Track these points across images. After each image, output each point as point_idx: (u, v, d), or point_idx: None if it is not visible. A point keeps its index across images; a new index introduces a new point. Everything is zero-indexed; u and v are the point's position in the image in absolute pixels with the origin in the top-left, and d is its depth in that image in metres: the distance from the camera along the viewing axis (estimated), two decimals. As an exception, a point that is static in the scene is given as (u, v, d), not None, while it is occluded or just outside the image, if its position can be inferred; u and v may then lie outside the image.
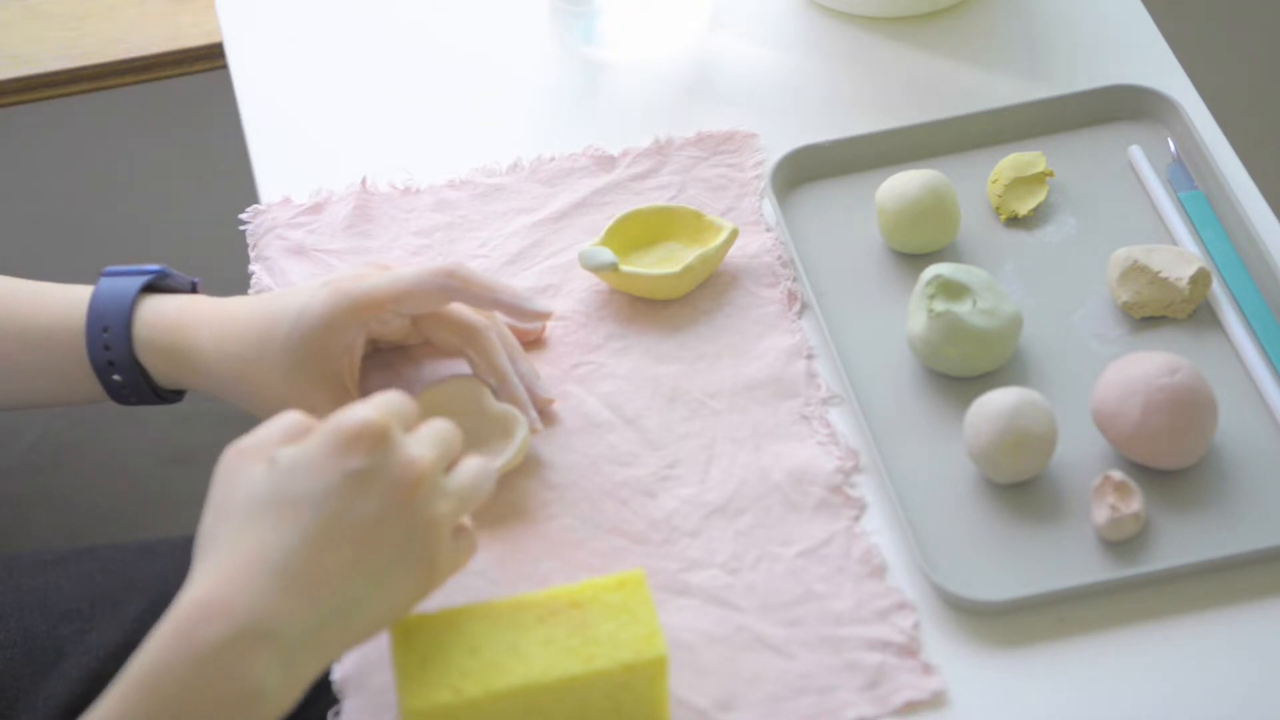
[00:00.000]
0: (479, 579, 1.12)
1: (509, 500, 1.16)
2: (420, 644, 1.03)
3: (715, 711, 1.08)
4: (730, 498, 1.16)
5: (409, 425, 1.03)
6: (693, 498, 1.16)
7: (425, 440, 1.02)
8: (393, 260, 1.29)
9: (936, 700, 1.08)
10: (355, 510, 0.97)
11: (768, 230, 1.29)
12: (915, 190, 1.25)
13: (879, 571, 1.13)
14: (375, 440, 0.98)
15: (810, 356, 1.22)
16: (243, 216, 1.33)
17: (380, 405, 1.00)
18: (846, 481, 1.17)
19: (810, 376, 1.21)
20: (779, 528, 1.15)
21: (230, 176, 1.83)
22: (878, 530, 1.15)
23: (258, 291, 1.28)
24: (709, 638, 1.10)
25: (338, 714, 1.09)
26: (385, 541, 0.98)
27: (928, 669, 1.09)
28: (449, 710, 1.01)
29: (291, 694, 0.96)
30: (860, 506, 1.16)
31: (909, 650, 1.09)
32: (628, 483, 1.17)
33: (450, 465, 1.04)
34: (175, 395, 1.21)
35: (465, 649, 1.03)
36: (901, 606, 1.11)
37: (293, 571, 0.95)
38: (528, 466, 1.18)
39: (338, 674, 1.09)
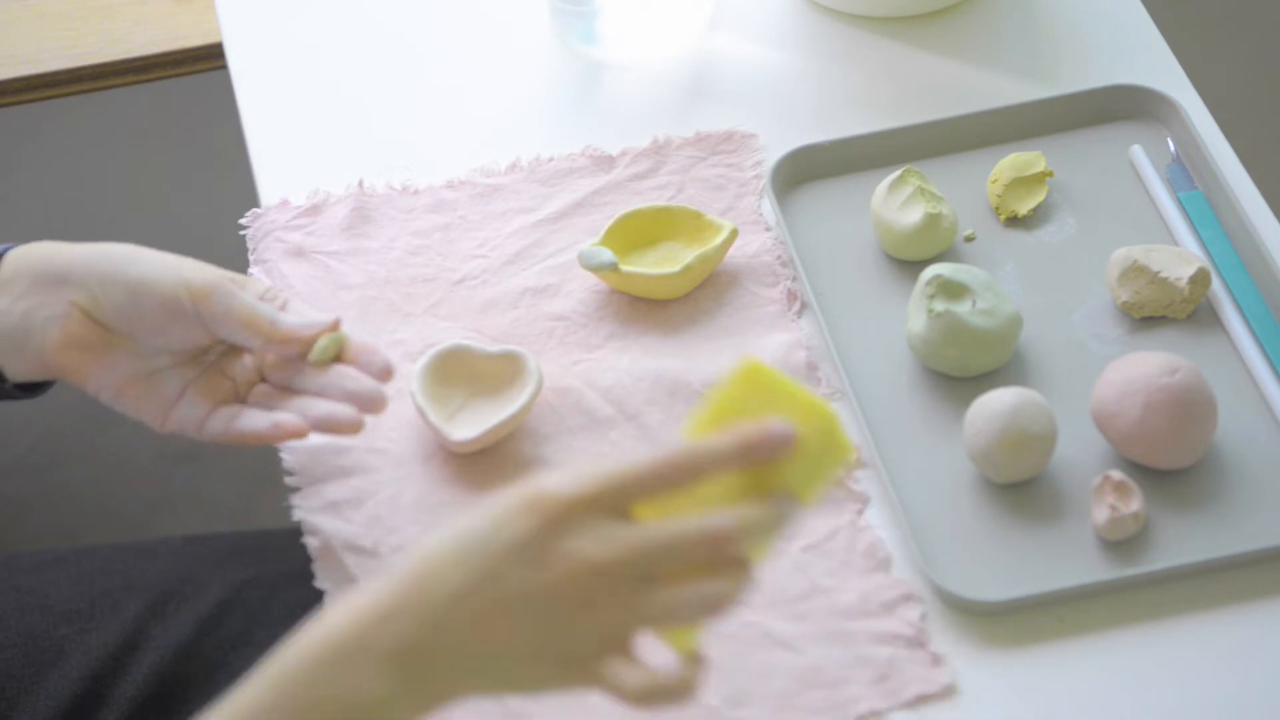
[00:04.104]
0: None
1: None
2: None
3: (727, 708, 1.08)
4: None
5: (620, 507, 0.92)
6: None
7: (627, 535, 0.91)
8: (392, 261, 1.29)
9: (946, 692, 1.08)
10: (510, 581, 0.90)
11: (767, 230, 1.29)
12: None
13: (884, 565, 1.13)
14: (549, 515, 0.90)
15: (810, 351, 1.22)
16: (242, 221, 1.32)
17: (581, 477, 0.92)
18: (849, 475, 1.16)
19: (810, 370, 1.21)
20: None
21: (230, 176, 1.83)
22: (879, 529, 1.15)
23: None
24: (717, 634, 1.10)
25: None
26: (527, 626, 0.91)
27: (936, 659, 1.09)
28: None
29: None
30: (863, 500, 1.16)
31: (918, 642, 1.09)
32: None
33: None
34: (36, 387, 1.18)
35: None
36: (908, 598, 1.11)
37: (440, 623, 0.91)
38: (531, 466, 1.18)
39: None
